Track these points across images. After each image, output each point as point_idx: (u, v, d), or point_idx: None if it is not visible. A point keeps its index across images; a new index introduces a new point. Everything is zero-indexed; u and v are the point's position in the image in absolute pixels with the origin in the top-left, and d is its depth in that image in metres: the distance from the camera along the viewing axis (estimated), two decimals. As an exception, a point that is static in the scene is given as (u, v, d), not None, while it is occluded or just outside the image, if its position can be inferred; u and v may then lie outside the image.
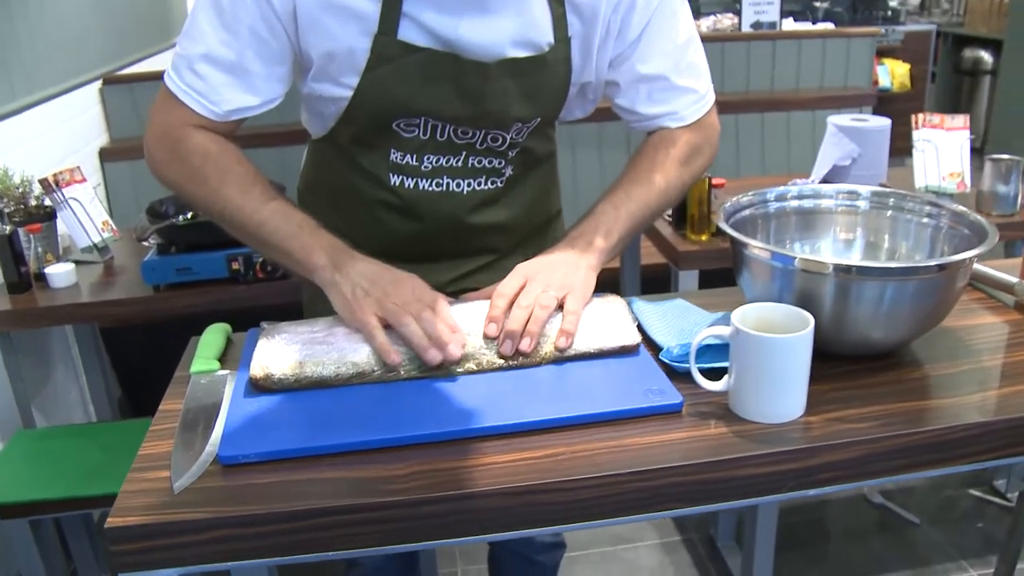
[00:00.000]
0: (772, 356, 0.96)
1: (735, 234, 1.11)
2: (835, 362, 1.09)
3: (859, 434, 0.96)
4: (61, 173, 2.33)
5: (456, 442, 0.97)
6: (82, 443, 2.18)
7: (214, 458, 0.95)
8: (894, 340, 1.09)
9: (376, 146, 1.27)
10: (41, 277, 2.28)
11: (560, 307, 1.14)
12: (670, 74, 1.28)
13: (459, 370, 1.08)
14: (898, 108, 4.44)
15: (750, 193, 1.25)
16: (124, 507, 0.88)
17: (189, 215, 2.28)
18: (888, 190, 1.26)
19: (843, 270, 1.02)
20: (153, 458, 0.97)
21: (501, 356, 1.09)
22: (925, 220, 1.21)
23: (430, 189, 1.29)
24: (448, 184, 1.30)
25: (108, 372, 2.98)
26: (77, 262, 2.36)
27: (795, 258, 1.04)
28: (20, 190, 2.32)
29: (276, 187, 1.25)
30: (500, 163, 1.31)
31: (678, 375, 1.09)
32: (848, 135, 2.70)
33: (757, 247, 1.08)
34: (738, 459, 0.93)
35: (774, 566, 2.21)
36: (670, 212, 2.47)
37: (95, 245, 2.38)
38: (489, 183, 1.32)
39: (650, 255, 2.74)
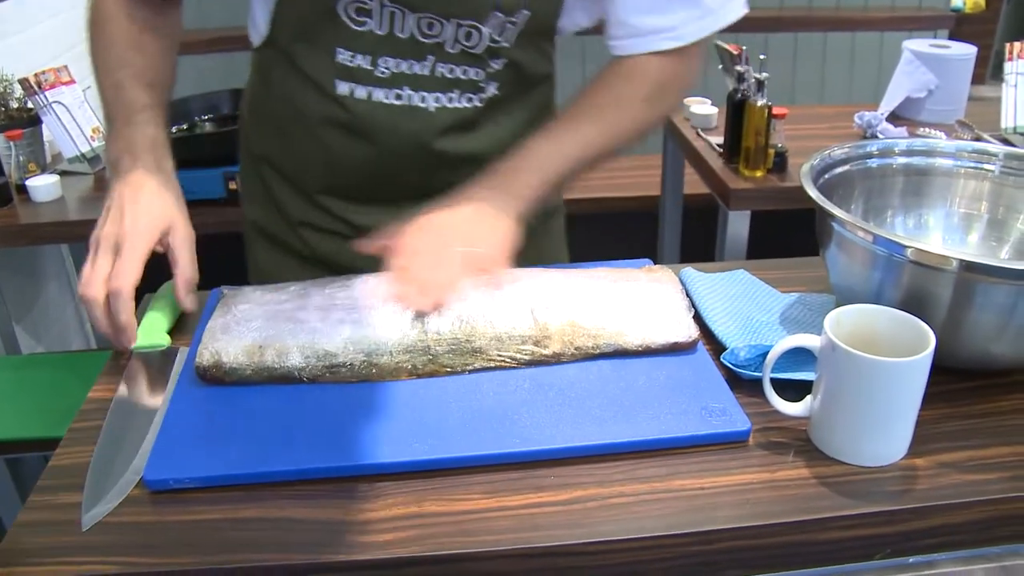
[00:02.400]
0: (876, 383, 0.73)
1: (829, 205, 0.86)
2: (945, 377, 0.85)
3: (982, 488, 0.73)
4: (45, 73, 2.10)
5: (452, 472, 0.75)
6: (69, 372, 2.00)
7: (139, 480, 0.73)
8: (1024, 355, 0.85)
9: (319, 43, 1.02)
10: (23, 189, 2.08)
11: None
12: None
13: (465, 367, 0.85)
14: (968, 31, 4.07)
15: (846, 145, 0.99)
16: (13, 549, 0.68)
17: (184, 126, 2.05)
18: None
19: (970, 267, 0.78)
20: (65, 472, 0.76)
21: (512, 357, 0.86)
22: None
23: (388, 102, 1.04)
24: (411, 97, 1.04)
25: (107, 288, 2.80)
26: (63, 173, 2.15)
27: (906, 248, 0.80)
28: (1, 89, 2.10)
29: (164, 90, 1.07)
30: (478, 74, 1.05)
31: (741, 382, 0.86)
32: (925, 63, 2.41)
33: (856, 226, 0.83)
34: (822, 520, 0.71)
35: None
36: (720, 142, 2.22)
37: (83, 155, 2.16)
38: (464, 100, 1.06)
39: (693, 184, 2.49)
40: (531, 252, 1.02)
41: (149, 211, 0.92)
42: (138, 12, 1.04)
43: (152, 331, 0.92)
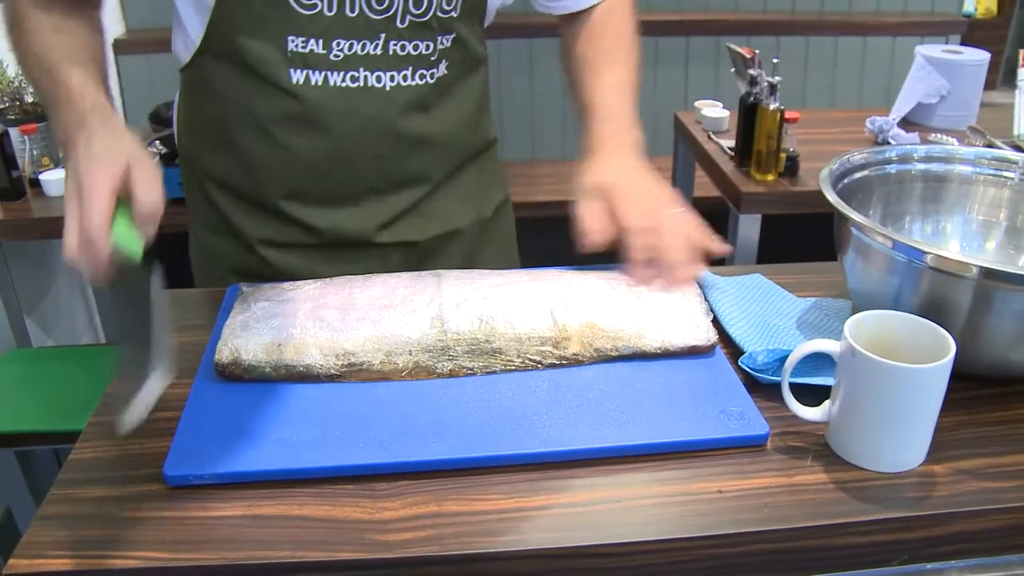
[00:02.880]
0: (896, 389, 0.72)
1: (848, 210, 0.86)
2: (963, 384, 0.85)
3: (1000, 496, 0.73)
4: (59, 68, 2.10)
5: (472, 472, 0.75)
6: (78, 366, 2.00)
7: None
8: (1045, 362, 0.85)
9: (267, 33, 1.00)
10: (37, 183, 2.08)
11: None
12: None
13: (484, 369, 0.85)
14: (980, 36, 4.05)
15: (865, 151, 0.99)
16: (35, 542, 0.68)
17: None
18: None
19: (990, 274, 0.78)
20: (85, 465, 0.77)
21: (531, 358, 0.86)
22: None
23: (343, 85, 1.03)
24: (366, 78, 1.03)
25: (117, 283, 2.80)
26: (76, 168, 2.16)
27: (926, 254, 0.79)
28: (15, 84, 2.10)
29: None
30: (428, 47, 1.05)
31: (759, 386, 0.86)
32: (938, 68, 2.41)
33: (875, 231, 0.83)
34: (839, 525, 0.70)
35: None
36: (732, 145, 2.21)
37: (96, 150, 2.16)
38: (417, 77, 1.06)
39: (704, 187, 2.48)
40: (466, 187, 1.14)
41: (105, 151, 0.82)
42: (56, 5, 0.99)
43: (127, 239, 0.82)
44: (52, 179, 2.04)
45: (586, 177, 1.01)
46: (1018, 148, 2.21)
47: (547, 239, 1.56)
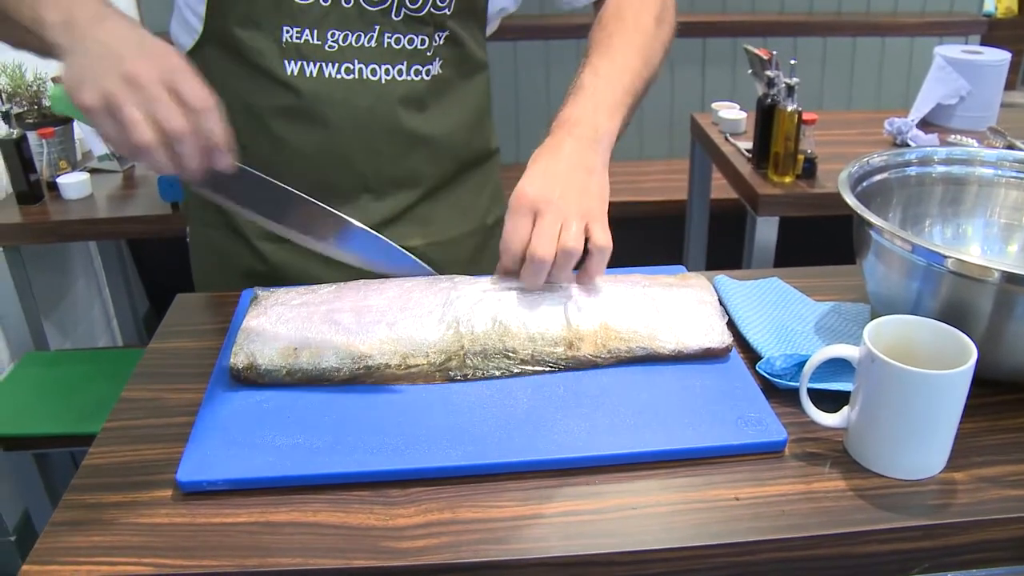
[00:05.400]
0: (916, 395, 0.71)
1: (867, 213, 0.85)
2: (984, 390, 0.83)
3: (1022, 504, 0.72)
4: (77, 72, 2.11)
5: (486, 479, 0.74)
6: (96, 369, 2.01)
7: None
8: (1067, 367, 0.84)
9: (263, 23, 1.00)
10: (54, 187, 2.09)
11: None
12: None
13: (499, 370, 0.85)
14: (1001, 36, 4.01)
15: (885, 153, 0.98)
16: (48, 548, 0.68)
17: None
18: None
19: (1012, 279, 0.76)
20: (98, 471, 0.76)
21: (544, 359, 0.86)
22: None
23: (338, 77, 1.03)
24: (361, 71, 1.03)
25: (135, 285, 2.81)
26: (93, 171, 2.17)
27: (946, 258, 0.78)
28: (34, 88, 2.11)
29: None
30: (423, 42, 1.05)
31: (776, 391, 0.85)
32: (957, 69, 2.39)
33: (895, 235, 0.82)
34: (858, 534, 0.69)
35: None
36: (749, 147, 2.20)
37: (112, 153, 2.18)
38: (412, 72, 1.06)
39: (721, 189, 2.47)
40: (465, 199, 1.11)
41: (154, 43, 0.78)
42: None
43: None
44: (70, 182, 2.05)
45: (524, 177, 0.93)
46: (1039, 149, 2.18)
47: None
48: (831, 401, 0.80)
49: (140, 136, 0.74)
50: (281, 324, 0.87)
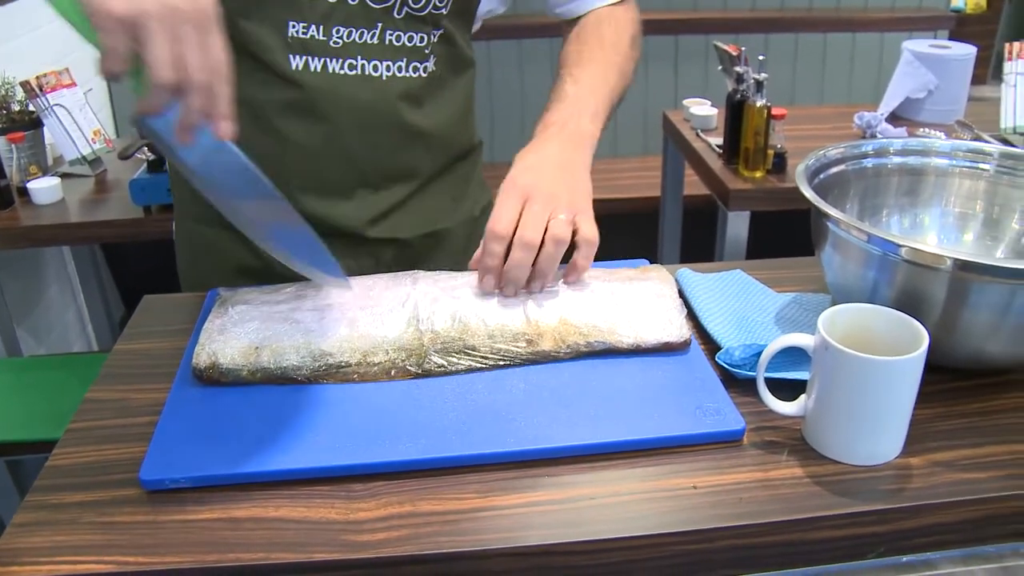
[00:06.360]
0: (870, 382, 0.73)
1: (823, 205, 0.86)
2: (939, 376, 0.85)
3: (976, 487, 0.73)
4: (46, 76, 2.11)
5: (447, 472, 0.75)
6: (70, 374, 2.00)
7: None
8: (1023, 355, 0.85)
9: (268, 18, 1.01)
10: (25, 192, 2.08)
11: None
12: None
13: (459, 366, 0.85)
14: (969, 31, 4.06)
15: (841, 145, 0.99)
16: (9, 549, 0.68)
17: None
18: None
19: (965, 266, 0.78)
20: (62, 472, 0.77)
21: (504, 355, 0.86)
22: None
23: (341, 72, 1.04)
24: (363, 67, 1.05)
25: (110, 290, 2.80)
26: (64, 175, 2.16)
27: (900, 247, 0.80)
28: (2, 92, 2.10)
29: None
30: (423, 39, 1.07)
31: (736, 382, 0.86)
32: (925, 63, 2.42)
33: (850, 225, 0.83)
34: (815, 519, 0.71)
35: None
36: (720, 143, 2.22)
37: (84, 157, 2.17)
38: (411, 69, 1.08)
39: (694, 185, 2.49)
40: (452, 188, 1.13)
41: None
42: None
43: None
44: (41, 187, 2.04)
45: (513, 169, 0.97)
46: (1005, 142, 2.21)
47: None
48: (790, 390, 0.81)
49: (162, 73, 0.70)
50: (243, 323, 0.88)
